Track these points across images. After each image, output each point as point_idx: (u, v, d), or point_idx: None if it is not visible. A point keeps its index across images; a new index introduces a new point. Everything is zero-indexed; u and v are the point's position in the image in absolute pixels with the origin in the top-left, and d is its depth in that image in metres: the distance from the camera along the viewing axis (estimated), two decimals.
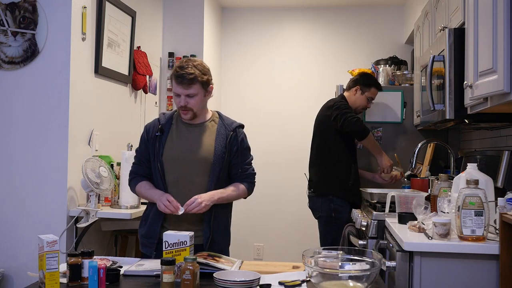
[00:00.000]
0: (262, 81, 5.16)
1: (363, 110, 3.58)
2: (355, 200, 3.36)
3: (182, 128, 2.30)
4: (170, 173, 2.25)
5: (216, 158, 2.25)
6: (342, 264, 1.70)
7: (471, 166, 2.20)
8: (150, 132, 2.31)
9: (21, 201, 2.98)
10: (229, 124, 2.34)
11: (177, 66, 2.21)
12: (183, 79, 2.16)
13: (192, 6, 4.56)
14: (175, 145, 2.26)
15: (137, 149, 2.38)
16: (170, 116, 2.34)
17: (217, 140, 2.27)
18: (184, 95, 2.19)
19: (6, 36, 3.00)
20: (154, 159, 2.26)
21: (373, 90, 3.50)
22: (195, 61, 2.23)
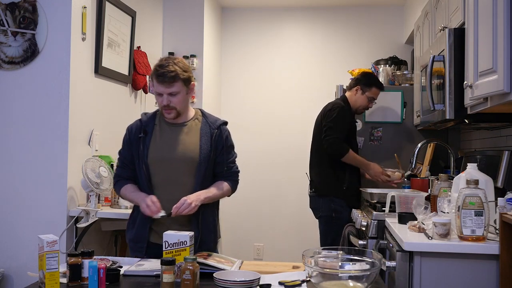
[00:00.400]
0: (262, 81, 5.16)
1: (364, 110, 3.55)
2: (352, 202, 3.36)
3: (166, 128, 2.27)
4: (156, 174, 2.22)
5: (202, 157, 2.22)
6: (342, 264, 1.70)
7: (471, 166, 2.20)
8: (133, 133, 2.27)
9: (21, 201, 2.98)
10: (213, 122, 2.31)
11: (157, 65, 2.17)
12: (165, 77, 2.13)
13: (192, 6, 4.56)
14: (159, 146, 2.23)
15: (120, 151, 2.34)
16: (153, 116, 2.31)
17: (202, 139, 2.25)
18: (167, 93, 2.16)
19: (6, 36, 3.00)
20: (139, 161, 2.23)
21: (374, 89, 3.47)
22: (175, 58, 2.20)
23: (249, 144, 5.12)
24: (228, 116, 5.15)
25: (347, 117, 3.40)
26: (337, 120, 3.35)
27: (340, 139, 3.31)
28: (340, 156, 3.31)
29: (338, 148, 3.29)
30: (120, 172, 2.32)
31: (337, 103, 3.49)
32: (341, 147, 3.30)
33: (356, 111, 3.51)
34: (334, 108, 3.40)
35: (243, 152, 5.22)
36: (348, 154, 3.30)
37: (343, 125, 3.35)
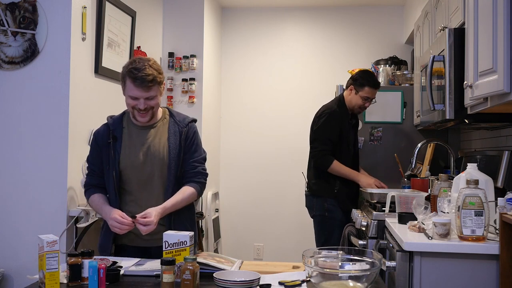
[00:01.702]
0: (262, 81, 5.16)
1: (360, 109, 3.46)
2: (344, 205, 3.36)
3: (134, 131, 2.21)
4: (127, 180, 2.18)
5: (171, 158, 2.18)
6: (342, 264, 1.70)
7: (471, 166, 2.20)
8: (100, 139, 2.21)
9: (21, 201, 2.98)
10: (181, 121, 2.25)
11: (132, 68, 2.07)
12: (143, 81, 2.05)
13: (192, 6, 4.56)
14: (131, 151, 2.18)
15: (88, 159, 2.29)
16: (119, 119, 2.24)
17: (170, 139, 2.20)
18: (144, 98, 2.09)
19: (6, 36, 3.00)
20: (109, 167, 2.17)
21: (367, 89, 3.35)
22: (149, 60, 2.12)
23: (249, 144, 5.13)
24: (228, 116, 5.17)
25: (336, 123, 3.36)
26: (323, 129, 3.35)
27: (325, 152, 3.32)
28: (325, 169, 3.34)
29: (322, 161, 3.34)
30: (89, 180, 2.27)
31: (328, 107, 3.45)
32: (325, 160, 3.32)
33: (352, 111, 3.47)
34: (322, 115, 3.39)
35: (243, 152, 5.26)
36: (332, 166, 3.30)
37: (331, 132, 3.33)
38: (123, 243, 2.22)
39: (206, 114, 4.60)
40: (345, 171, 3.35)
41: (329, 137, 3.33)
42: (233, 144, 5.12)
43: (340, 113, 3.40)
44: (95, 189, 2.25)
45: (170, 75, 4.56)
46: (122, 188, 2.20)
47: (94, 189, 2.25)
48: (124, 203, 2.21)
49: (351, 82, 3.43)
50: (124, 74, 2.11)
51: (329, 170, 3.32)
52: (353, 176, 3.35)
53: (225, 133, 5.12)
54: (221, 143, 5.13)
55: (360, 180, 3.33)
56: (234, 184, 5.15)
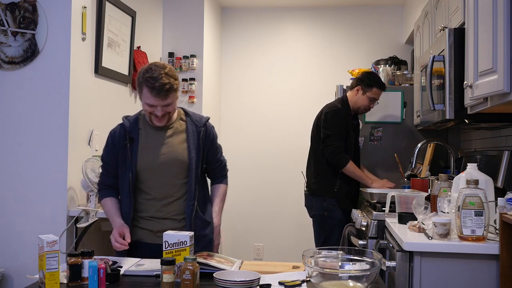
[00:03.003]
0: (262, 81, 5.16)
1: (365, 110, 3.51)
2: (343, 204, 3.36)
3: (152, 132, 2.23)
4: (146, 181, 2.21)
5: (192, 157, 2.21)
6: (342, 264, 1.71)
7: (471, 166, 2.20)
8: (117, 139, 2.23)
9: (21, 201, 2.98)
10: (198, 120, 2.29)
11: (149, 76, 2.07)
12: (160, 91, 2.06)
13: (192, 6, 4.56)
14: (149, 152, 2.20)
15: (103, 158, 2.31)
16: (135, 120, 2.25)
17: (190, 139, 2.23)
18: (161, 105, 2.11)
19: (6, 36, 3.00)
20: (125, 168, 2.20)
21: (375, 90, 3.41)
22: (164, 67, 2.12)
23: (249, 144, 5.13)
24: (228, 116, 5.17)
25: (343, 120, 3.38)
26: (333, 125, 3.35)
27: (341, 149, 3.30)
28: (339, 168, 3.31)
29: (340, 159, 3.30)
30: (103, 179, 2.31)
31: (332, 105, 3.46)
32: (342, 158, 3.30)
33: (356, 111, 3.49)
34: (328, 112, 3.39)
35: (243, 152, 5.26)
36: (348, 166, 3.29)
37: (340, 129, 3.34)
38: (137, 239, 2.23)
39: (206, 114, 4.58)
40: (360, 173, 3.35)
41: (339, 133, 3.34)
42: (233, 144, 5.12)
43: (344, 112, 3.42)
44: (108, 191, 2.28)
45: None
46: (137, 188, 2.22)
47: (108, 191, 2.29)
48: (139, 203, 2.23)
49: (358, 83, 3.45)
50: (140, 82, 2.12)
51: (344, 169, 3.30)
52: (366, 181, 3.33)
53: (225, 133, 5.12)
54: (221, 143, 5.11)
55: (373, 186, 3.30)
56: (234, 184, 5.11)
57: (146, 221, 2.23)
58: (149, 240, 2.22)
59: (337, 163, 3.31)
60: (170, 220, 2.21)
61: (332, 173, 3.38)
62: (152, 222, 2.22)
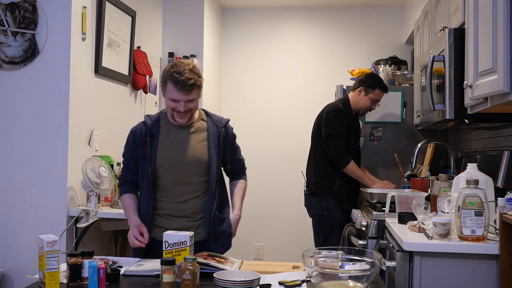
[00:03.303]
0: (262, 81, 5.16)
1: (366, 111, 3.53)
2: (343, 204, 3.36)
3: (172, 131, 2.27)
4: (164, 178, 2.23)
5: (212, 157, 2.24)
6: (342, 264, 1.71)
7: (471, 166, 2.20)
8: (138, 136, 2.27)
9: (21, 201, 2.98)
10: (218, 121, 2.34)
11: (174, 71, 2.13)
12: (184, 85, 2.11)
13: (192, 6, 4.56)
14: (168, 149, 2.23)
15: (124, 154, 2.34)
16: (157, 118, 2.30)
17: (210, 139, 2.27)
18: (184, 101, 2.15)
19: (6, 36, 3.00)
20: (145, 164, 2.23)
21: (378, 92, 3.43)
22: (188, 64, 2.18)
23: (249, 144, 5.11)
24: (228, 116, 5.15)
25: (344, 120, 3.39)
26: (335, 124, 3.35)
27: (343, 148, 3.31)
28: (341, 167, 3.31)
29: (341, 158, 3.30)
30: (123, 175, 2.34)
31: (334, 105, 3.47)
32: (344, 158, 3.30)
33: (357, 112, 3.50)
34: (330, 112, 3.40)
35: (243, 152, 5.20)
36: (349, 166, 3.30)
37: (341, 128, 3.35)
38: (153, 237, 2.23)
39: None
40: (361, 174, 3.36)
41: (341, 132, 3.35)
42: None
43: (346, 112, 3.43)
44: (128, 186, 2.32)
45: None
46: (156, 185, 2.25)
47: (127, 186, 2.32)
48: (157, 200, 2.25)
49: (361, 84, 3.46)
50: (165, 77, 2.17)
51: (345, 169, 3.31)
52: (366, 182, 3.33)
53: None
54: None
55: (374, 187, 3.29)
56: None
57: (163, 218, 2.25)
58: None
59: (338, 162, 3.31)
60: (186, 219, 2.24)
61: (333, 172, 3.38)
62: (168, 220, 2.24)
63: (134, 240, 2.13)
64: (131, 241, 2.15)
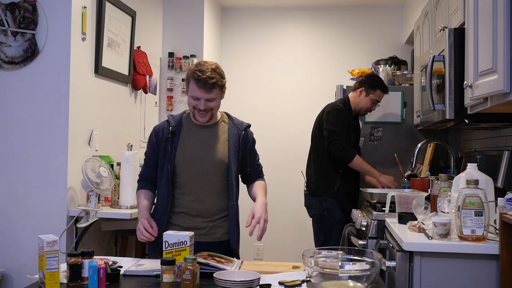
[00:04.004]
0: (262, 81, 5.16)
1: (366, 112, 3.55)
2: (343, 204, 3.37)
3: (194, 130, 2.30)
4: (181, 175, 2.25)
5: (232, 158, 2.27)
6: (342, 264, 1.71)
7: (471, 166, 2.20)
8: (160, 134, 2.30)
9: (21, 201, 2.98)
10: (239, 124, 2.38)
11: (197, 70, 2.18)
12: (206, 83, 2.14)
13: (192, 6, 4.56)
14: (188, 147, 2.26)
15: (146, 151, 2.38)
16: (180, 118, 2.34)
17: (230, 140, 2.30)
18: (205, 99, 2.18)
19: (6, 36, 3.00)
20: (165, 161, 2.26)
21: (379, 92, 3.45)
22: (212, 64, 2.23)
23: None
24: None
25: (346, 119, 3.40)
26: (336, 122, 3.36)
27: (347, 144, 3.32)
28: (346, 162, 3.31)
29: (346, 153, 3.30)
30: (143, 171, 2.38)
31: (335, 105, 3.49)
32: (349, 152, 3.31)
33: (358, 112, 3.51)
34: (331, 111, 3.41)
35: None
36: (355, 160, 3.30)
37: (342, 125, 3.36)
38: None
39: None
40: (367, 166, 3.37)
41: (343, 129, 3.36)
42: None
43: (346, 112, 3.44)
44: (146, 183, 2.34)
45: (170, 75, 4.56)
46: (174, 182, 2.27)
47: (145, 182, 2.34)
48: (174, 198, 2.27)
49: (362, 84, 3.48)
50: (189, 76, 2.21)
51: (351, 163, 3.31)
52: (374, 173, 3.37)
53: None
54: None
55: (380, 179, 3.35)
56: None
57: (179, 216, 2.26)
58: None
59: (343, 158, 3.31)
60: (201, 219, 2.25)
61: (333, 172, 3.38)
62: (184, 218, 2.25)
63: (142, 236, 2.13)
64: (139, 235, 2.15)
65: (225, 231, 2.29)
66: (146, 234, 2.13)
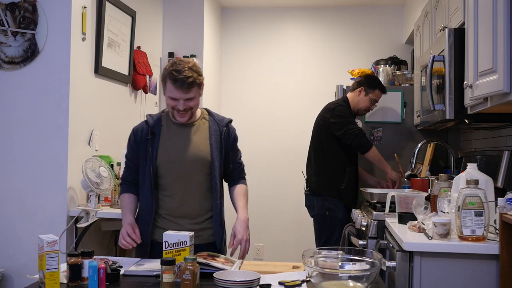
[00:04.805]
0: (262, 81, 5.16)
1: (365, 112, 3.58)
2: (348, 202, 3.38)
3: (174, 129, 2.26)
4: (165, 176, 2.22)
5: (214, 156, 2.23)
6: (342, 264, 1.71)
7: (471, 166, 2.20)
8: (139, 135, 2.26)
9: (21, 201, 2.98)
10: (220, 120, 2.33)
11: (173, 69, 2.12)
12: (183, 83, 2.10)
13: (192, 6, 4.56)
14: (170, 147, 2.23)
15: (126, 154, 2.34)
16: (158, 117, 2.29)
17: (212, 138, 2.26)
18: (183, 99, 2.14)
19: (6, 36, 3.00)
20: (146, 162, 2.22)
21: (377, 92, 3.50)
22: (188, 62, 2.17)
23: (249, 144, 5.12)
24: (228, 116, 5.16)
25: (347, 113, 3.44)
26: (347, 115, 3.41)
27: (364, 132, 3.37)
28: (365, 150, 3.35)
29: (365, 141, 3.35)
30: (125, 174, 2.34)
31: (335, 103, 3.53)
32: (367, 141, 3.37)
33: (357, 112, 3.53)
34: (336, 107, 3.44)
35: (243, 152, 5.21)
36: (373, 148, 3.36)
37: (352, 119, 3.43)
38: (154, 239, 2.23)
39: None
40: (381, 157, 3.42)
41: (352, 120, 3.41)
42: None
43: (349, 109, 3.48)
44: (128, 186, 2.30)
45: None
46: (157, 184, 2.24)
47: (128, 186, 2.30)
48: (159, 199, 2.24)
49: (361, 84, 3.51)
50: (165, 76, 2.16)
51: (369, 152, 3.36)
52: (386, 167, 3.44)
53: None
54: None
55: (388, 171, 3.44)
56: None
57: (164, 219, 2.24)
58: None
59: (362, 145, 3.34)
60: (187, 220, 2.22)
61: (340, 170, 3.38)
62: (169, 221, 2.22)
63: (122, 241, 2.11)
64: (120, 240, 2.13)
65: (211, 233, 2.26)
66: (128, 239, 2.10)
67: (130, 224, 2.16)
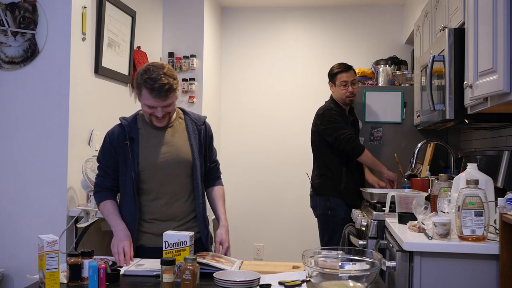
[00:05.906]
0: (262, 81, 5.16)
1: (350, 98, 3.51)
2: (350, 201, 3.39)
3: (152, 132, 2.19)
4: (148, 181, 2.17)
5: (195, 156, 2.20)
6: (342, 264, 1.70)
7: (471, 166, 2.20)
8: (115, 140, 2.18)
9: (21, 201, 2.98)
10: (197, 119, 2.28)
11: (147, 77, 2.04)
12: (160, 92, 2.03)
13: (192, 6, 4.56)
14: (150, 151, 2.17)
15: (99, 159, 2.25)
16: (133, 120, 2.22)
17: (191, 138, 2.22)
18: (161, 106, 2.08)
19: (6, 36, 3.00)
20: (126, 169, 2.15)
21: (339, 75, 3.50)
22: (163, 67, 2.09)
23: (249, 144, 5.12)
24: (228, 117, 5.17)
25: (340, 115, 3.45)
26: (335, 120, 3.41)
27: (355, 136, 3.38)
28: (358, 154, 3.36)
29: (356, 146, 3.36)
30: (100, 181, 2.24)
31: (323, 106, 3.55)
32: (359, 145, 3.38)
33: (347, 104, 3.55)
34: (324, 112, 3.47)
35: (243, 152, 5.26)
36: (365, 152, 3.36)
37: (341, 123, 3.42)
38: (140, 244, 2.20)
39: (206, 114, 4.58)
40: (374, 160, 3.43)
41: (342, 124, 3.41)
42: (233, 144, 5.12)
43: (337, 109, 3.49)
44: (107, 193, 2.23)
45: None
46: (140, 189, 2.19)
47: (106, 193, 2.23)
48: (142, 205, 2.20)
49: (329, 80, 3.59)
50: (139, 83, 2.09)
51: (362, 156, 3.36)
52: (381, 168, 3.43)
53: (225, 133, 5.12)
54: (221, 143, 5.13)
55: (384, 171, 3.43)
56: (234, 184, 5.15)
57: (149, 224, 2.20)
58: (152, 244, 2.18)
59: (353, 150, 3.35)
60: (174, 222, 2.19)
61: (336, 171, 3.41)
62: (155, 225, 2.19)
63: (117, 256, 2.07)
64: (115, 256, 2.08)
65: (197, 230, 2.23)
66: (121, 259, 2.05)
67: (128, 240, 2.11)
